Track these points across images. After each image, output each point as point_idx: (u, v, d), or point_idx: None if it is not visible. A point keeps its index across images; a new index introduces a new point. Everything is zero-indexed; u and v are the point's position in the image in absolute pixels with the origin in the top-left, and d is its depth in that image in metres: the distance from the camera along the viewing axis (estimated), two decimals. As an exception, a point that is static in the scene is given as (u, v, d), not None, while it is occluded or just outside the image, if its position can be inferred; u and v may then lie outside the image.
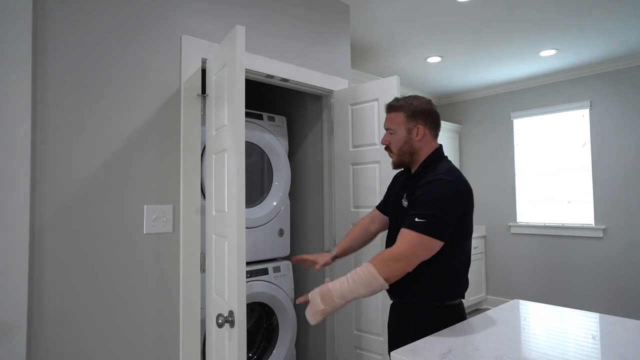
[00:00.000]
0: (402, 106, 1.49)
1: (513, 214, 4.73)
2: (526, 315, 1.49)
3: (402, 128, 1.48)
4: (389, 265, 1.29)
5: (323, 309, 1.31)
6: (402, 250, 1.31)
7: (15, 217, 1.33)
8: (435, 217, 1.30)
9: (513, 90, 4.77)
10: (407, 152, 1.48)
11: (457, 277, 1.45)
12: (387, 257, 1.31)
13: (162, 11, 1.72)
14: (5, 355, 1.30)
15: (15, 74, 1.34)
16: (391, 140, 1.50)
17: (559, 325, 1.37)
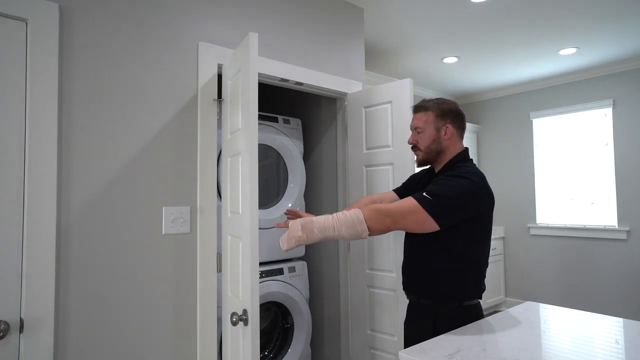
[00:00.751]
0: (431, 106, 1.53)
1: (532, 215, 4.65)
2: (539, 317, 1.48)
3: (431, 127, 1.51)
4: (377, 216, 1.31)
5: (300, 236, 1.32)
6: (395, 209, 1.33)
7: (44, 218, 1.41)
8: (442, 199, 1.32)
9: (532, 89, 4.69)
10: (434, 151, 1.52)
11: (477, 277, 1.48)
12: (378, 209, 1.33)
13: (179, 20, 1.78)
14: (36, 348, 1.38)
15: (43, 84, 1.42)
16: (419, 139, 1.53)
17: (574, 328, 1.36)
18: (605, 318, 1.43)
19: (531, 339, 1.24)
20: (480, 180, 1.39)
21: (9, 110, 1.37)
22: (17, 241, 1.36)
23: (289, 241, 1.32)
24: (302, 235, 1.31)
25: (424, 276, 1.48)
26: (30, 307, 1.37)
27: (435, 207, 1.31)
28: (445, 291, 1.44)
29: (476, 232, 1.43)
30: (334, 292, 2.58)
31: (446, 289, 1.44)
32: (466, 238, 1.42)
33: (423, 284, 1.48)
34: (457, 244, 1.41)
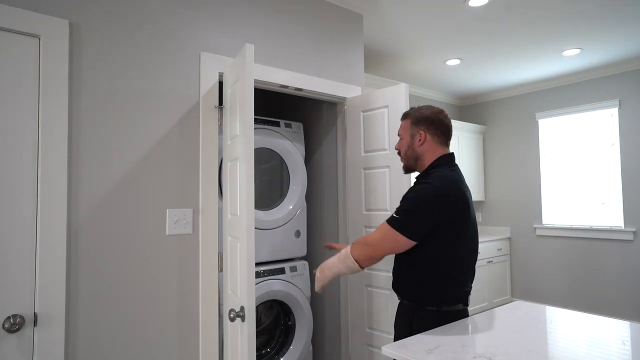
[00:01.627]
0: (409, 114, 1.62)
1: (538, 216, 4.65)
2: (524, 316, 1.53)
3: (407, 134, 1.60)
4: (359, 248, 1.51)
5: (319, 277, 1.60)
6: (372, 238, 1.50)
7: (55, 220, 1.51)
8: (406, 214, 1.41)
9: (537, 90, 4.69)
10: (411, 157, 1.59)
11: (452, 283, 1.47)
12: (360, 241, 1.53)
13: (182, 32, 1.88)
14: (49, 340, 1.48)
15: (54, 95, 1.53)
16: (400, 146, 1.63)
17: (561, 326, 1.41)
18: (589, 317, 1.48)
19: (511, 336, 1.29)
20: (442, 184, 1.41)
21: (23, 120, 1.48)
22: (30, 241, 1.47)
23: (316, 284, 1.63)
24: (320, 277, 1.60)
25: (403, 279, 1.55)
26: (43, 303, 1.48)
27: (402, 223, 1.41)
28: (421, 295, 1.49)
29: (447, 239, 1.43)
30: (334, 291, 2.65)
31: (421, 293, 1.49)
32: (442, 246, 1.44)
33: (403, 287, 1.56)
34: (431, 251, 1.44)
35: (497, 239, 4.70)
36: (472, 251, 1.52)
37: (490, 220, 5.09)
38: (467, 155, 4.91)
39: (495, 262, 4.62)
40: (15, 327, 1.41)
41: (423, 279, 1.48)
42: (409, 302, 1.54)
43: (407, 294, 1.55)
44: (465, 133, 4.91)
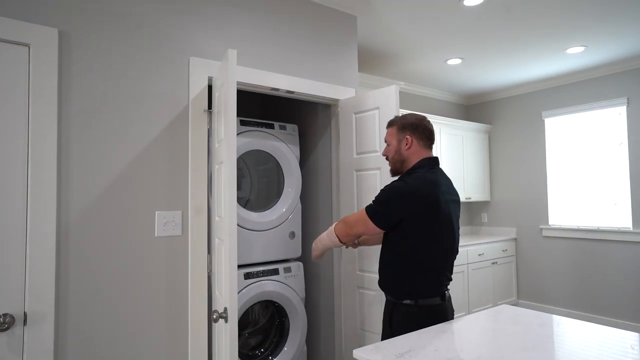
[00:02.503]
0: (395, 121, 1.74)
1: (545, 217, 4.57)
2: (507, 320, 1.52)
3: (394, 139, 1.71)
4: (340, 226, 1.74)
5: (313, 247, 1.85)
6: (350, 218, 1.71)
7: (44, 221, 1.56)
8: (378, 203, 1.60)
9: (543, 88, 4.61)
10: (398, 160, 1.70)
11: (422, 278, 1.57)
12: (342, 220, 1.75)
13: (171, 37, 1.91)
14: (38, 339, 1.53)
15: (44, 101, 1.58)
16: (387, 152, 1.75)
17: (542, 332, 1.40)
18: (580, 323, 1.46)
19: (486, 341, 1.29)
20: (414, 183, 1.55)
21: (14, 125, 1.53)
22: (21, 242, 1.52)
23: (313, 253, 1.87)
24: (314, 247, 1.85)
25: (384, 274, 1.66)
26: (33, 302, 1.53)
27: (373, 210, 1.60)
28: (398, 289, 1.59)
29: (421, 236, 1.56)
30: (329, 292, 2.66)
31: (398, 287, 1.59)
32: (412, 241, 1.56)
33: (384, 281, 1.66)
34: (403, 245, 1.58)
35: (502, 239, 4.65)
36: (446, 249, 1.60)
37: (496, 221, 5.03)
38: (472, 155, 4.86)
39: (500, 263, 4.56)
40: (4, 326, 1.46)
41: (399, 272, 1.60)
42: (390, 296, 1.64)
43: (387, 289, 1.65)
44: (470, 132, 4.86)
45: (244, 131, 2.47)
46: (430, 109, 4.87)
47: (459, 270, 4.10)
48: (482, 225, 5.16)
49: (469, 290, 4.18)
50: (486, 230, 5.10)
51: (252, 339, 2.62)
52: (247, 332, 2.60)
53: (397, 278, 1.59)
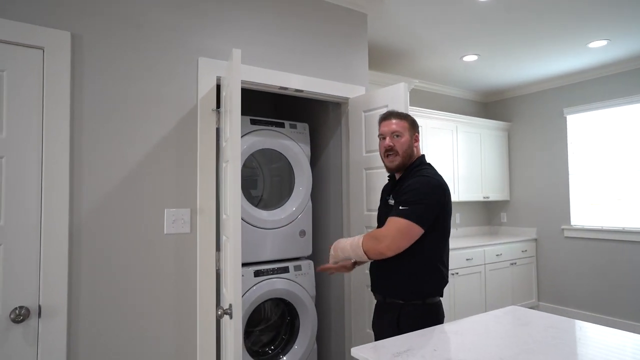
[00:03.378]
0: (406, 116, 1.71)
1: (567, 217, 4.44)
2: (515, 322, 1.48)
3: (407, 133, 1.66)
4: (371, 242, 1.53)
5: (332, 255, 1.71)
6: (384, 232, 1.51)
7: (58, 219, 1.62)
8: (416, 204, 1.47)
9: (565, 84, 4.47)
10: (409, 155, 1.66)
11: (439, 276, 1.56)
12: (372, 235, 1.56)
13: (180, 38, 1.95)
14: (52, 331, 1.59)
15: (57, 102, 1.64)
16: (396, 143, 1.65)
17: (548, 335, 1.36)
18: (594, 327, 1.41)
19: (489, 342, 1.26)
20: (439, 179, 1.58)
21: (29, 127, 1.59)
22: (35, 238, 1.59)
23: (330, 259, 1.74)
24: (333, 254, 1.70)
25: (391, 276, 1.57)
26: (47, 296, 1.59)
27: (417, 216, 1.46)
28: (411, 290, 1.54)
29: (440, 231, 1.54)
30: (339, 291, 2.66)
31: (412, 288, 1.54)
32: (430, 238, 1.52)
33: (391, 285, 1.58)
34: (423, 244, 1.52)
35: (522, 240, 4.53)
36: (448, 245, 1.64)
37: (515, 221, 4.91)
38: (491, 153, 4.76)
39: (519, 264, 4.45)
40: (20, 318, 1.52)
41: (415, 271, 1.54)
42: (396, 299, 1.57)
43: (393, 291, 1.58)
44: (488, 130, 4.75)
45: (254, 130, 2.49)
46: (446, 107, 4.79)
47: (475, 270, 4.03)
48: (500, 225, 5.04)
49: (486, 291, 4.10)
50: (505, 230, 4.99)
51: (263, 336, 2.64)
52: (258, 329, 2.63)
53: (408, 279, 1.53)
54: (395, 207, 1.51)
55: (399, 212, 1.48)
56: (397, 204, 1.52)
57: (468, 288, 3.95)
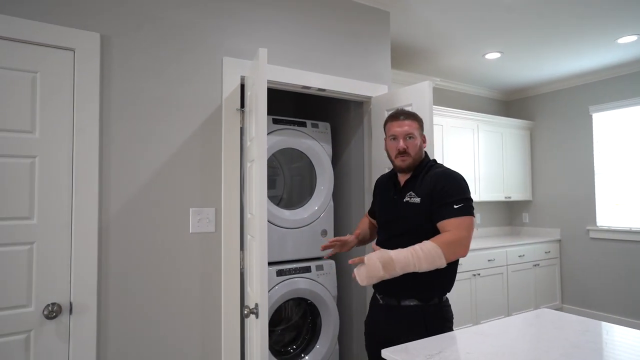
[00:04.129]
0: (415, 115, 1.69)
1: (592, 217, 4.32)
2: (547, 325, 1.44)
3: (418, 134, 1.67)
4: (452, 249, 1.43)
5: (382, 275, 1.41)
6: (462, 234, 1.44)
7: (87, 218, 1.65)
8: (467, 199, 1.50)
9: (591, 81, 4.35)
10: (419, 157, 1.66)
11: (452, 273, 1.59)
12: (448, 242, 1.43)
13: (205, 38, 1.96)
14: (82, 327, 1.62)
15: (87, 102, 1.66)
16: (409, 145, 1.64)
17: (585, 339, 1.32)
18: (631, 331, 1.37)
19: (523, 346, 1.23)
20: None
21: (61, 127, 1.62)
22: (67, 237, 1.62)
23: (369, 279, 1.42)
24: (384, 275, 1.41)
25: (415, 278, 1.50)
26: (78, 293, 1.62)
27: (470, 207, 1.51)
28: (433, 291, 1.54)
29: None
30: (361, 292, 2.64)
31: (434, 289, 1.54)
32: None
33: (412, 286, 1.53)
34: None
35: (545, 241, 4.43)
36: None
37: (538, 222, 4.80)
38: (512, 153, 4.67)
39: (542, 266, 4.36)
40: (53, 314, 1.55)
41: (438, 271, 1.50)
42: (415, 301, 1.55)
43: (416, 293, 1.55)
44: (510, 129, 4.67)
45: (276, 129, 2.50)
46: (466, 105, 4.72)
47: (497, 272, 3.95)
48: (522, 226, 4.95)
49: (508, 293, 4.02)
50: (527, 230, 4.89)
51: (285, 335, 2.64)
52: (280, 329, 2.63)
53: (430, 280, 1.50)
54: (448, 208, 1.48)
55: (459, 211, 1.47)
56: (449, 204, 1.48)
57: (490, 289, 3.88)
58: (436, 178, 1.55)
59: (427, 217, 1.55)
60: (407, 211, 1.60)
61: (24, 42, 1.56)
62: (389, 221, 1.69)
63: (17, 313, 1.52)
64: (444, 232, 1.47)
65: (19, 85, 1.56)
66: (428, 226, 1.55)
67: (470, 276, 3.73)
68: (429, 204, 1.54)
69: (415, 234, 1.55)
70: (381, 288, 1.64)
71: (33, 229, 1.56)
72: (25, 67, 1.57)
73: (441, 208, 1.50)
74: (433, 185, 1.54)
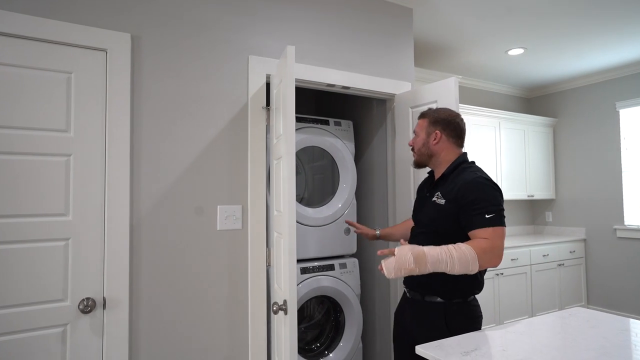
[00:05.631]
0: (427, 114, 1.71)
1: (619, 216, 4.21)
2: (583, 324, 1.41)
3: (423, 132, 1.69)
4: (488, 257, 1.39)
5: (412, 269, 1.36)
6: (497, 243, 1.40)
7: (119, 216, 1.68)
8: (499, 209, 1.46)
9: (619, 77, 4.24)
10: (425, 154, 1.68)
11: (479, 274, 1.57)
12: (484, 249, 1.39)
13: (231, 37, 1.98)
14: (115, 322, 1.65)
15: (118, 101, 1.70)
16: (414, 142, 1.72)
17: (626, 337, 1.29)
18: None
19: (559, 343, 1.21)
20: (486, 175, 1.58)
21: (93, 126, 1.66)
22: (99, 233, 1.65)
23: (397, 271, 1.37)
24: (414, 268, 1.36)
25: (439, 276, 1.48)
26: (111, 288, 1.65)
27: (502, 218, 1.46)
28: (457, 289, 1.53)
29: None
30: (384, 290, 2.63)
31: (458, 287, 1.52)
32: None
33: (435, 283, 1.53)
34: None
35: (569, 240, 4.34)
36: None
37: (562, 220, 4.70)
38: (535, 150, 4.58)
39: (567, 265, 4.27)
40: (87, 309, 1.59)
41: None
42: (438, 298, 1.55)
43: (440, 290, 1.54)
44: (532, 127, 4.58)
45: (299, 128, 2.50)
46: (488, 103, 4.66)
47: (521, 271, 3.89)
48: (546, 225, 4.85)
49: (532, 293, 3.95)
50: (551, 230, 4.79)
51: (307, 333, 2.65)
52: (303, 327, 2.64)
53: (455, 277, 1.48)
54: (479, 217, 1.43)
55: (491, 221, 1.42)
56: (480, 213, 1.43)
57: (513, 289, 3.82)
58: (465, 185, 1.49)
59: (448, 221, 1.52)
60: (432, 211, 1.60)
61: (60, 44, 1.61)
62: (417, 219, 1.71)
63: (55, 307, 1.56)
64: (478, 239, 1.42)
65: (55, 85, 1.60)
66: (445, 230, 1.53)
67: (494, 275, 3.68)
68: (454, 209, 1.50)
69: (432, 234, 1.56)
70: (408, 281, 1.66)
71: (68, 225, 1.60)
72: (61, 68, 1.61)
73: (472, 217, 1.45)
74: (462, 192, 1.49)
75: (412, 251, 1.38)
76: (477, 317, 1.57)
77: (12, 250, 1.51)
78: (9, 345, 1.49)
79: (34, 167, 1.55)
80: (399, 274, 1.38)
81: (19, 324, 1.51)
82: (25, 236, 1.53)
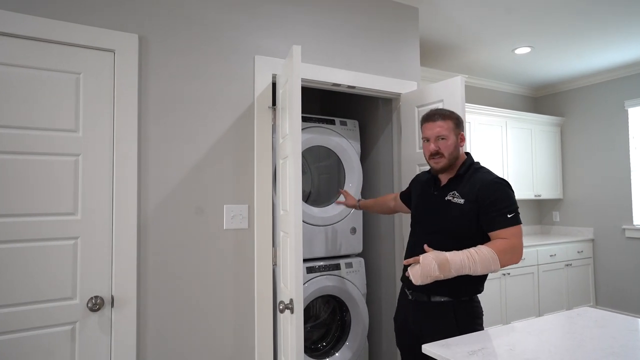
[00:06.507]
0: (450, 115, 1.66)
1: (628, 216, 4.17)
2: (591, 324, 1.41)
3: (452, 134, 1.64)
4: (508, 257, 1.46)
5: (437, 276, 1.42)
6: (516, 241, 1.48)
7: (127, 215, 1.70)
8: (517, 208, 1.53)
9: (627, 75, 4.20)
10: (455, 157, 1.64)
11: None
12: (504, 249, 1.45)
13: (238, 37, 1.99)
14: (123, 320, 1.67)
15: (126, 102, 1.71)
16: (442, 146, 1.63)
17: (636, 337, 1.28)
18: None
19: (567, 343, 1.20)
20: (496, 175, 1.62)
21: (101, 126, 1.68)
22: (107, 232, 1.67)
23: (423, 278, 1.43)
24: (439, 275, 1.42)
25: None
26: (119, 287, 1.67)
27: (519, 216, 1.52)
28: (465, 288, 1.54)
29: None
30: (390, 289, 2.63)
31: (466, 286, 1.54)
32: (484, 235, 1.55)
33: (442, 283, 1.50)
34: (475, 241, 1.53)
35: (577, 240, 4.31)
36: None
37: (570, 220, 4.67)
38: (542, 150, 4.55)
39: (575, 266, 4.23)
40: (96, 307, 1.61)
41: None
42: (446, 297, 1.56)
43: (448, 289, 1.55)
44: (539, 126, 4.55)
45: (305, 127, 2.51)
46: (494, 102, 4.63)
47: (528, 271, 3.87)
48: (553, 225, 4.82)
49: (539, 293, 3.92)
50: (558, 229, 4.76)
51: (314, 332, 2.66)
52: (309, 326, 2.64)
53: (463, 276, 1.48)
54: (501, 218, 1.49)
55: (512, 220, 1.49)
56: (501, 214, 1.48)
57: (520, 289, 3.80)
58: (486, 186, 1.54)
59: (469, 220, 1.54)
60: (448, 210, 1.59)
61: (68, 45, 1.62)
62: (427, 217, 1.69)
63: (64, 305, 1.58)
64: (498, 239, 1.48)
65: (64, 86, 1.62)
66: (466, 228, 1.55)
67: (500, 275, 3.66)
68: (474, 209, 1.53)
69: (451, 234, 1.57)
70: (411, 283, 1.61)
71: (77, 224, 1.62)
72: (70, 69, 1.63)
73: (494, 218, 1.50)
74: (483, 193, 1.52)
75: (436, 259, 1.42)
76: (480, 314, 1.61)
77: (22, 249, 1.53)
78: (20, 343, 1.51)
79: (43, 166, 1.57)
80: (425, 281, 1.43)
81: (30, 322, 1.53)
82: (35, 235, 1.55)
